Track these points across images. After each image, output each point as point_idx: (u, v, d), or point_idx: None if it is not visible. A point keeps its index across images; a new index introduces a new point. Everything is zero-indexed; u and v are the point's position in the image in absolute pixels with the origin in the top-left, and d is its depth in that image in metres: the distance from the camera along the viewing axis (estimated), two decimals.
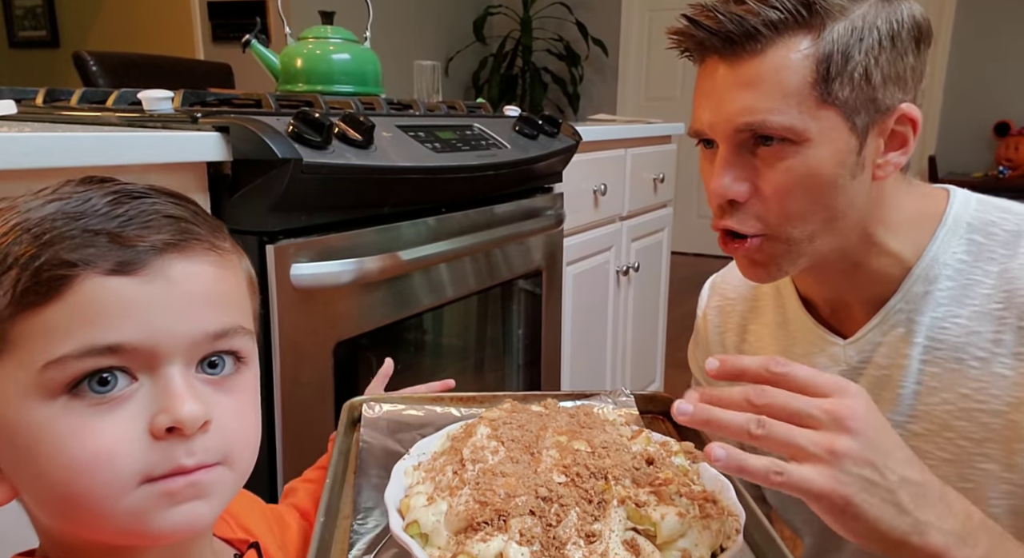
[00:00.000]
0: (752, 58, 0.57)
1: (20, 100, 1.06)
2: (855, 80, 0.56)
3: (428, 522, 0.47)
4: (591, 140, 1.53)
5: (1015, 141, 3.66)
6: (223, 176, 0.81)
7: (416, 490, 0.51)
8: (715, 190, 0.61)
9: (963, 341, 0.62)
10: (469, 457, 0.52)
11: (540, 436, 0.54)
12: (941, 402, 0.63)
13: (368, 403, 0.67)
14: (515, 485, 0.47)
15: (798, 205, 0.59)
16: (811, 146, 0.57)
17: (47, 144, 0.64)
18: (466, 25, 4.49)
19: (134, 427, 0.36)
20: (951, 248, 0.63)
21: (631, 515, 0.47)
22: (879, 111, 0.58)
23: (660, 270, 2.11)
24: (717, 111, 0.59)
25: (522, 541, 0.44)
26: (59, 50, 3.87)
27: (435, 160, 0.99)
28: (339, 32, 1.29)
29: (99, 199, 0.37)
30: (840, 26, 0.56)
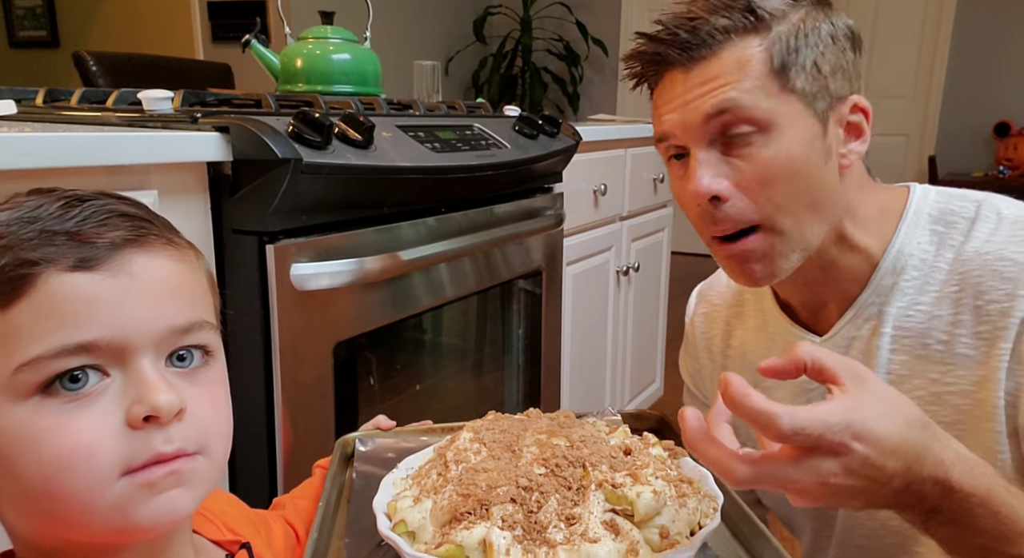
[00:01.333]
0: (708, 61, 0.60)
1: (20, 100, 1.06)
2: (807, 69, 0.60)
3: (414, 520, 0.49)
4: (591, 140, 1.53)
5: (1015, 141, 3.67)
6: (223, 176, 0.81)
7: (403, 495, 0.52)
8: (695, 191, 0.61)
9: (926, 326, 0.63)
10: (452, 459, 0.53)
11: (521, 436, 0.55)
12: (913, 388, 0.64)
13: (361, 439, 0.68)
14: (496, 478, 0.49)
15: (780, 192, 0.60)
16: (779, 131, 0.59)
17: (47, 144, 0.64)
18: (466, 25, 4.49)
19: (110, 420, 0.36)
20: (915, 239, 0.65)
21: (609, 497, 0.48)
22: (833, 98, 0.61)
23: (660, 270, 2.11)
24: (683, 110, 0.61)
25: (504, 526, 0.46)
26: (59, 50, 3.87)
27: (435, 160, 0.99)
28: (339, 32, 1.29)
29: (51, 204, 0.37)
30: (783, 27, 0.60)
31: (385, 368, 1.09)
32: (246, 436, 0.86)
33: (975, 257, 0.62)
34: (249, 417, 0.85)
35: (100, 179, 0.69)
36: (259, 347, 0.83)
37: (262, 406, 0.84)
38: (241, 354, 0.84)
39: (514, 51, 4.45)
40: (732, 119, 0.59)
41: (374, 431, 0.71)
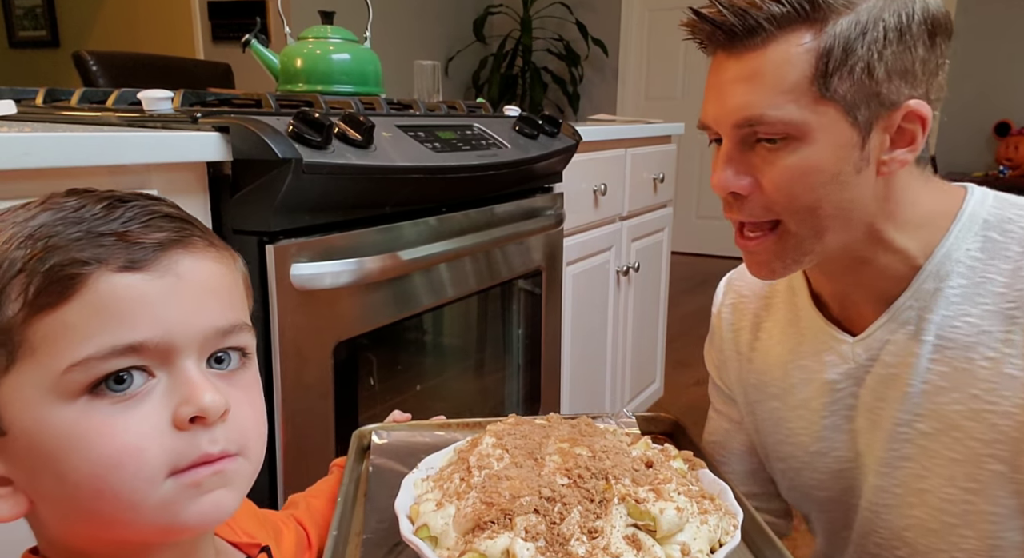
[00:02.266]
0: (754, 52, 0.57)
1: (20, 100, 1.06)
2: (856, 74, 0.55)
3: (437, 525, 0.49)
4: (591, 140, 1.53)
5: (1015, 141, 3.67)
6: (223, 176, 0.81)
7: (425, 498, 0.52)
8: (717, 183, 0.61)
9: (973, 340, 0.61)
10: (475, 464, 0.54)
11: (543, 443, 0.56)
12: (950, 402, 0.62)
13: (377, 431, 0.70)
14: (519, 487, 0.49)
15: (801, 200, 0.59)
16: (811, 141, 0.57)
17: (47, 144, 0.63)
18: (466, 25, 4.49)
19: (157, 421, 0.36)
20: (964, 245, 0.62)
21: (631, 511, 0.48)
22: (883, 106, 0.57)
23: (660, 270, 2.11)
24: (719, 106, 0.60)
25: (527, 538, 0.46)
26: (59, 50, 3.87)
27: (435, 160, 0.99)
28: (339, 32, 1.29)
29: (93, 205, 0.37)
30: (844, 20, 0.55)
31: (385, 368, 1.09)
32: None
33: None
34: None
35: (100, 179, 0.69)
36: (260, 347, 0.83)
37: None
38: None
39: (514, 51, 4.45)
40: (760, 129, 0.58)
41: (390, 424, 0.71)
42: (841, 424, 0.70)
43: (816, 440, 0.72)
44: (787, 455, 0.75)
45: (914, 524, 0.66)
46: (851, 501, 0.71)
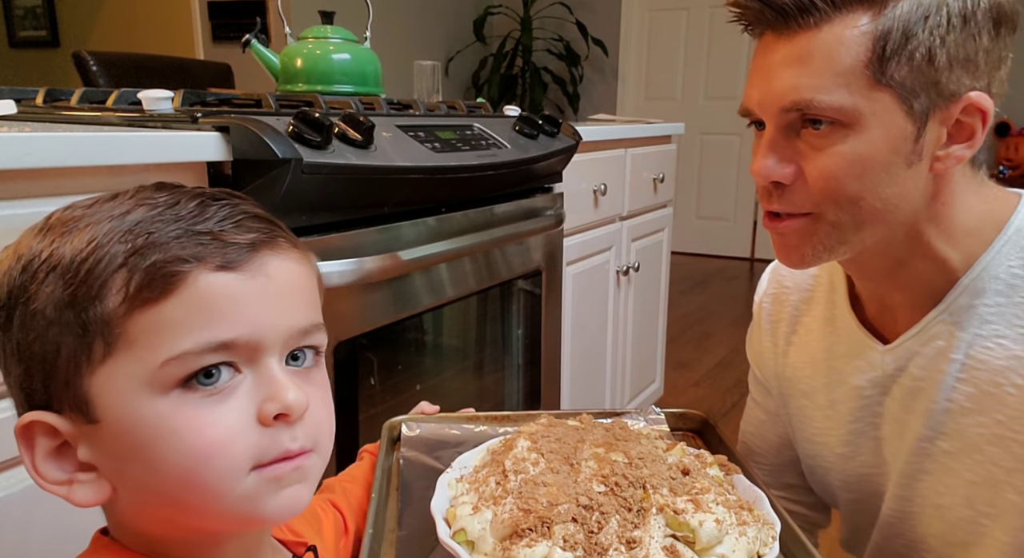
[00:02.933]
0: (806, 33, 0.54)
1: (20, 100, 1.06)
2: (915, 60, 0.52)
3: (474, 530, 0.49)
4: (591, 140, 1.53)
5: (1015, 141, 3.67)
6: (223, 176, 0.81)
7: (461, 500, 0.53)
8: (758, 171, 0.58)
9: (1004, 365, 0.57)
10: (511, 468, 0.53)
11: (578, 448, 0.56)
12: (974, 424, 0.60)
13: (407, 423, 0.71)
14: (557, 494, 0.49)
15: (846, 191, 0.55)
16: (862, 129, 0.54)
17: (47, 144, 0.63)
18: (466, 25, 4.49)
19: (243, 416, 0.38)
20: (1008, 261, 0.58)
21: (670, 522, 0.48)
22: (942, 96, 0.53)
23: (660, 270, 2.11)
24: (766, 89, 0.57)
25: (566, 546, 0.46)
26: (59, 50, 3.87)
27: (435, 160, 0.99)
28: (339, 32, 1.29)
29: (187, 202, 0.39)
30: (906, 3, 0.52)
31: (386, 368, 1.09)
32: None
33: None
34: None
35: (101, 179, 0.69)
36: None
37: None
38: None
39: (514, 51, 4.45)
40: (809, 114, 0.55)
41: (419, 416, 0.72)
42: (867, 430, 0.68)
43: (842, 443, 0.71)
44: (815, 453, 0.74)
45: (932, 535, 0.65)
46: (876, 504, 0.70)
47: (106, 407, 0.37)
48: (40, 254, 0.37)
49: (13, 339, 0.37)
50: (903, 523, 0.67)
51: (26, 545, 0.64)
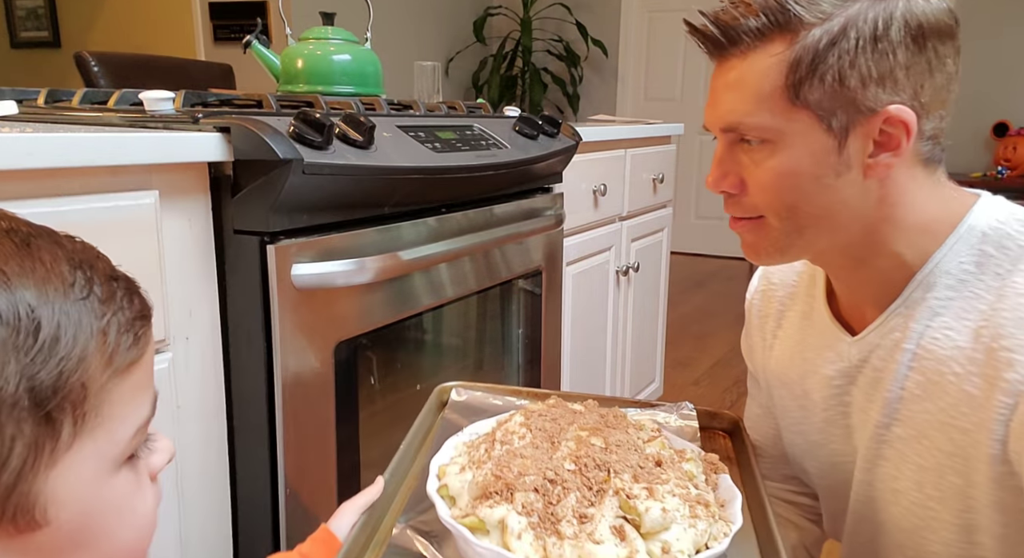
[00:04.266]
0: (738, 61, 0.60)
1: (22, 100, 1.07)
2: (827, 83, 0.57)
3: (455, 487, 0.55)
4: (591, 140, 1.53)
5: (1013, 141, 3.67)
6: (224, 176, 0.82)
7: (455, 461, 0.59)
8: (708, 183, 0.65)
9: (948, 355, 0.61)
10: (499, 439, 0.59)
11: (565, 429, 0.60)
12: (922, 410, 0.63)
13: (457, 389, 0.78)
14: (528, 466, 0.54)
15: (782, 200, 0.61)
16: (786, 146, 0.59)
17: (49, 144, 0.64)
18: (466, 26, 4.50)
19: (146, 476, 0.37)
20: (959, 257, 0.61)
21: (622, 505, 0.52)
22: (860, 112, 0.58)
23: (660, 270, 2.11)
24: (711, 111, 0.64)
25: (522, 512, 0.51)
26: (60, 51, 3.87)
27: (435, 160, 1.00)
28: (340, 33, 1.29)
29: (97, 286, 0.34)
30: (817, 30, 0.57)
31: (386, 368, 1.09)
32: (248, 436, 0.86)
33: (1012, 296, 0.58)
34: (250, 417, 0.86)
35: (102, 179, 0.69)
36: (261, 347, 0.84)
37: (263, 405, 0.85)
38: (243, 354, 0.84)
39: (514, 52, 4.46)
40: (742, 132, 0.61)
41: (472, 383, 0.79)
42: (837, 419, 0.72)
43: (816, 431, 0.74)
44: (792, 442, 0.78)
45: (890, 520, 0.68)
46: (847, 491, 0.73)
47: (64, 502, 0.31)
48: None
49: None
50: (867, 508, 0.70)
51: None
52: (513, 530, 0.50)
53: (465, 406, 0.75)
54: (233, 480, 0.87)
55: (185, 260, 0.78)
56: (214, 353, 0.83)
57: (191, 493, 0.81)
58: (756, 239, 0.65)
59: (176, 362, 0.77)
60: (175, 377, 0.77)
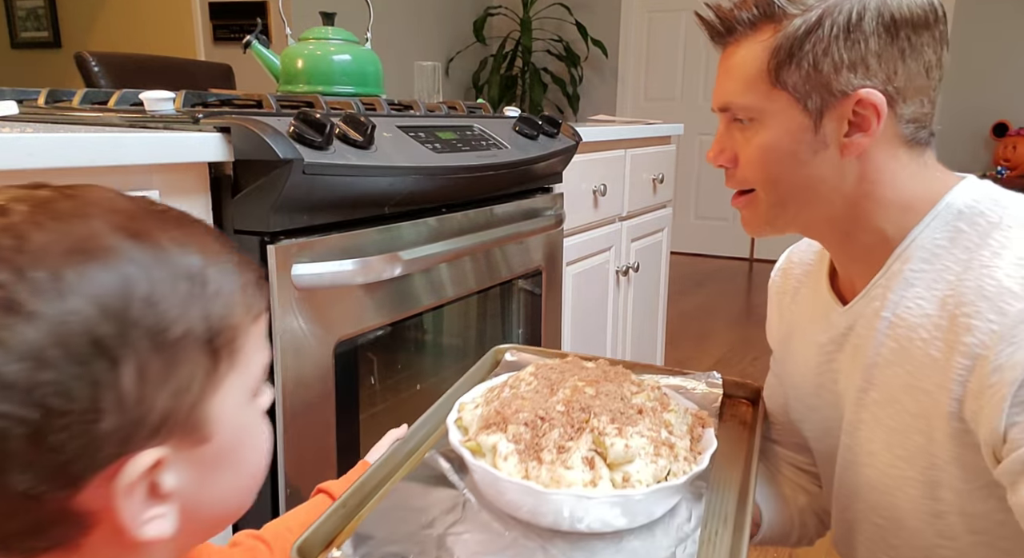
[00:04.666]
0: (733, 48, 0.68)
1: (22, 101, 1.07)
2: (803, 68, 0.63)
3: (468, 420, 0.68)
4: (591, 141, 1.53)
5: (1012, 141, 3.67)
6: (224, 176, 0.82)
7: (475, 400, 0.71)
8: (708, 157, 0.72)
9: (917, 322, 0.65)
10: (510, 384, 0.72)
11: (566, 380, 0.70)
12: (893, 375, 0.67)
13: (511, 351, 0.90)
14: (524, 406, 0.65)
15: (766, 173, 0.68)
16: (768, 124, 0.66)
17: (50, 145, 0.64)
18: (466, 26, 4.50)
19: None
20: (934, 233, 0.65)
21: (595, 441, 0.61)
22: (833, 95, 0.63)
23: (659, 270, 2.11)
24: (714, 93, 0.71)
25: (511, 440, 0.62)
26: (61, 51, 3.87)
27: (435, 160, 1.00)
28: (340, 33, 1.30)
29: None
30: (798, 20, 0.63)
31: (386, 367, 1.09)
32: None
33: (977, 267, 0.61)
34: None
35: (102, 179, 0.69)
36: None
37: None
38: None
39: (514, 52, 4.46)
40: (733, 111, 0.68)
41: (524, 347, 0.91)
42: (827, 385, 0.76)
43: (810, 396, 0.79)
44: (793, 409, 0.83)
45: (866, 483, 0.73)
46: (834, 457, 0.77)
47: (222, 422, 0.38)
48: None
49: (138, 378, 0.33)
50: (849, 471, 0.75)
51: None
52: (501, 453, 0.61)
53: (515, 366, 0.84)
54: None
55: None
56: None
57: None
58: (749, 212, 0.72)
59: None
60: None
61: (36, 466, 0.32)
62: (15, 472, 0.32)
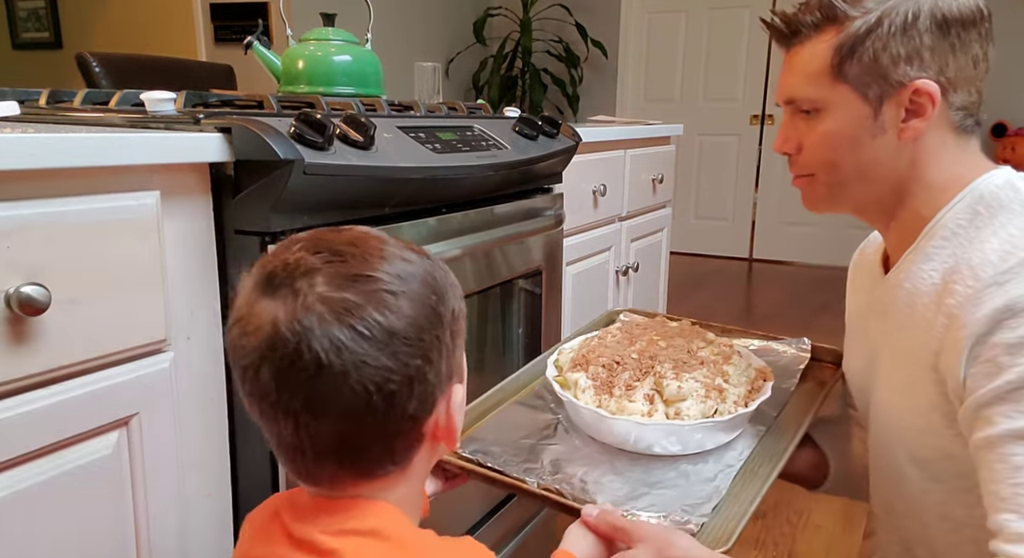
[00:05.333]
0: (798, 48, 0.76)
1: (23, 101, 1.07)
2: (864, 61, 0.71)
3: (563, 360, 0.89)
4: (590, 141, 1.53)
5: (1011, 142, 3.67)
6: (225, 177, 0.82)
7: (573, 347, 0.92)
8: (774, 146, 0.82)
9: (925, 290, 0.73)
10: (599, 336, 0.92)
11: (646, 335, 0.89)
12: (902, 337, 0.76)
13: (625, 313, 1.12)
14: (605, 352, 0.85)
15: (827, 158, 0.76)
16: (830, 113, 0.75)
17: (51, 145, 0.64)
18: (466, 27, 4.50)
19: None
20: (957, 215, 0.72)
21: (655, 382, 0.79)
22: (891, 85, 0.71)
23: (659, 270, 2.12)
24: (778, 88, 0.81)
25: (590, 377, 0.82)
26: (62, 51, 3.88)
27: (436, 161, 1.00)
28: (340, 34, 1.30)
29: None
30: (859, 22, 0.72)
31: None
32: (252, 436, 0.86)
33: (977, 243, 0.69)
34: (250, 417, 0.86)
35: (104, 180, 0.70)
36: None
37: None
38: None
39: (514, 52, 4.46)
40: (798, 103, 0.77)
41: (637, 309, 1.10)
42: (863, 348, 0.86)
43: (853, 357, 0.90)
44: (846, 368, 0.94)
45: (876, 433, 0.82)
46: (867, 415, 0.86)
47: (464, 368, 0.56)
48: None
49: (450, 339, 0.52)
50: (871, 424, 0.84)
51: (27, 545, 0.65)
52: (581, 387, 0.80)
53: (626, 324, 1.01)
54: (233, 480, 0.87)
55: (186, 260, 0.79)
56: (215, 353, 0.83)
57: (191, 492, 0.81)
58: (809, 193, 0.81)
59: (177, 362, 0.77)
60: (176, 377, 0.77)
61: (419, 396, 0.49)
62: (413, 400, 0.48)
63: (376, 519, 0.50)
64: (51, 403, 0.65)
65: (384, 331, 0.46)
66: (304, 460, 0.50)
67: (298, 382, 0.46)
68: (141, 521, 0.75)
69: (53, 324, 0.64)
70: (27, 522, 0.65)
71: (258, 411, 0.50)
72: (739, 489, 0.72)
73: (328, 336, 0.45)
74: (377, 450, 0.49)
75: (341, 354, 0.45)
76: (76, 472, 0.68)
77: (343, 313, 0.45)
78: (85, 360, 0.68)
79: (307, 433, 0.47)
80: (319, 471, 0.50)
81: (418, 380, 0.48)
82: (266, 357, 0.46)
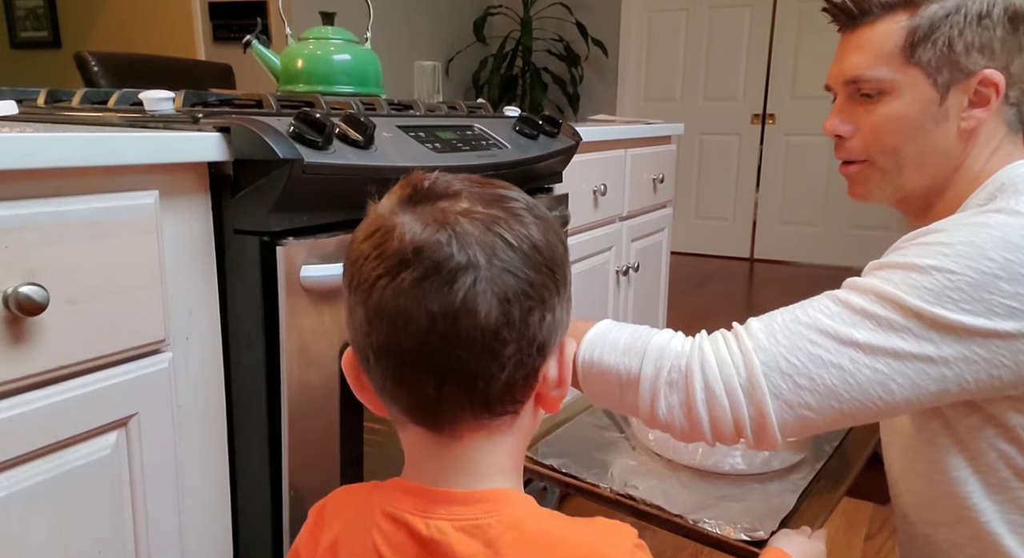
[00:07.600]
0: (865, 29, 0.76)
1: (22, 101, 1.07)
2: (938, 46, 0.72)
3: None
4: (591, 140, 1.53)
5: None
6: (224, 176, 0.82)
7: None
8: (827, 128, 0.80)
9: None
10: None
11: None
12: None
13: None
14: None
15: (889, 142, 0.76)
16: (898, 96, 0.74)
17: (49, 144, 0.64)
18: (466, 25, 4.50)
19: None
20: (977, 199, 0.73)
21: None
22: (961, 73, 0.72)
23: (660, 270, 2.11)
24: (837, 68, 0.79)
25: None
26: (60, 51, 3.87)
27: (436, 160, 1.00)
28: (340, 33, 1.29)
29: None
30: (935, 6, 0.72)
31: None
32: (251, 436, 0.86)
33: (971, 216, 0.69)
34: (250, 416, 0.86)
35: (102, 179, 0.69)
36: (262, 348, 0.84)
37: (263, 405, 0.85)
38: (243, 354, 0.84)
39: (514, 51, 4.46)
40: (861, 85, 0.76)
41: None
42: None
43: None
44: None
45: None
46: None
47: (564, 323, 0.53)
48: None
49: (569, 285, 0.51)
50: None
51: (27, 545, 0.65)
52: None
53: None
54: (233, 480, 0.87)
55: (185, 260, 0.78)
56: (214, 353, 0.83)
57: (191, 493, 0.81)
58: (860, 180, 0.80)
59: (176, 362, 0.77)
60: (175, 377, 0.77)
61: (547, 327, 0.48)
62: (543, 329, 0.47)
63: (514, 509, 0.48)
64: (50, 403, 0.65)
65: (531, 244, 0.46)
66: (426, 383, 0.46)
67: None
68: (140, 521, 0.75)
69: (52, 324, 0.64)
70: (26, 522, 0.64)
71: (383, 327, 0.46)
72: (805, 506, 0.76)
73: (477, 240, 0.45)
74: (503, 378, 0.46)
75: (491, 260, 0.45)
76: (75, 473, 0.68)
77: (492, 223, 0.46)
78: (84, 360, 0.67)
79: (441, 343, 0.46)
80: (440, 396, 0.47)
81: (548, 308, 0.47)
82: (409, 262, 0.45)
